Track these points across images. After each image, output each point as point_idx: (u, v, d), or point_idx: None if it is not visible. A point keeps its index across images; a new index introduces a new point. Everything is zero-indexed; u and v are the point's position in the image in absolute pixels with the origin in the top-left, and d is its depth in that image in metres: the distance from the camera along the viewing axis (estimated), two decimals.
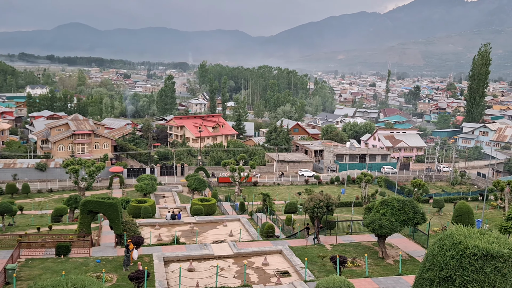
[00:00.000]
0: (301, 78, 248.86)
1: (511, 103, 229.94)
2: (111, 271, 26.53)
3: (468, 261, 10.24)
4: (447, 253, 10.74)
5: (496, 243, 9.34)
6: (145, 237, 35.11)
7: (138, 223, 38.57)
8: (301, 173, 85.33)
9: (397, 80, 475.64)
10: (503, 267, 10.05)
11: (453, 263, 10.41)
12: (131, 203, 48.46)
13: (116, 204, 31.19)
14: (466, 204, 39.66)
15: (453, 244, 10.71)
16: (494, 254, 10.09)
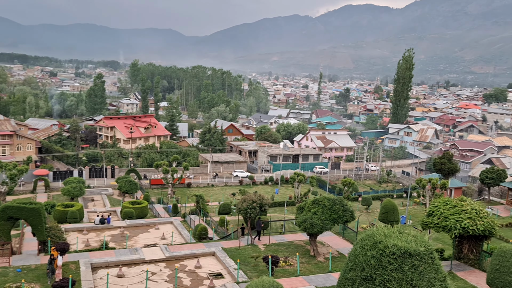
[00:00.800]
0: (236, 79, 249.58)
1: (432, 105, 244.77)
2: (33, 281, 24.95)
3: (388, 260, 10.58)
4: (368, 252, 11.02)
5: (413, 241, 9.72)
6: (72, 243, 33.43)
7: (64, 229, 36.67)
8: (235, 174, 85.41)
9: (328, 82, 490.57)
10: (419, 265, 10.46)
11: (374, 262, 10.71)
12: (57, 208, 46.06)
13: (38, 209, 29.41)
14: (392, 201, 41.52)
15: (374, 243, 11.01)
16: (412, 252, 10.49)
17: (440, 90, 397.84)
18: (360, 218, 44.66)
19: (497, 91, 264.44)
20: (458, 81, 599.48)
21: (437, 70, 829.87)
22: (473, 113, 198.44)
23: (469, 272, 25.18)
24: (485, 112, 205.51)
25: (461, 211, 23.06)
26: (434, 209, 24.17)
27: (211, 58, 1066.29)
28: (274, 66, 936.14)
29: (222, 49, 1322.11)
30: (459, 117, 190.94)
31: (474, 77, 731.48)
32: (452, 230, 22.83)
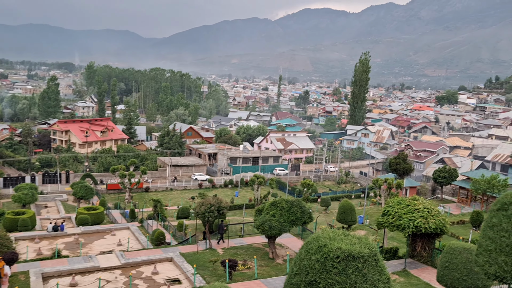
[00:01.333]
0: (195, 81, 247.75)
1: (388, 107, 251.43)
2: None
3: (332, 264, 10.51)
4: (312, 257, 10.93)
5: (357, 244, 9.69)
6: (22, 252, 32.04)
7: (14, 237, 35.07)
8: (195, 177, 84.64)
9: (288, 85, 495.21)
10: (363, 268, 10.48)
11: (318, 266, 10.62)
12: (7, 215, 44.06)
13: None
14: (349, 202, 42.15)
15: (318, 247, 10.92)
16: (355, 255, 10.48)
17: (395, 93, 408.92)
18: (319, 219, 45.13)
19: (448, 93, 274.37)
20: (413, 83, 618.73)
21: (392, 73, 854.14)
22: (426, 115, 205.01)
23: (422, 270, 25.84)
24: (438, 113, 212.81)
25: (414, 210, 23.66)
26: (389, 209, 24.68)
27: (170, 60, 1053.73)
28: (234, 68, 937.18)
29: (181, 51, 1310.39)
30: (414, 119, 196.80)
31: (427, 80, 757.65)
32: (406, 229, 23.37)
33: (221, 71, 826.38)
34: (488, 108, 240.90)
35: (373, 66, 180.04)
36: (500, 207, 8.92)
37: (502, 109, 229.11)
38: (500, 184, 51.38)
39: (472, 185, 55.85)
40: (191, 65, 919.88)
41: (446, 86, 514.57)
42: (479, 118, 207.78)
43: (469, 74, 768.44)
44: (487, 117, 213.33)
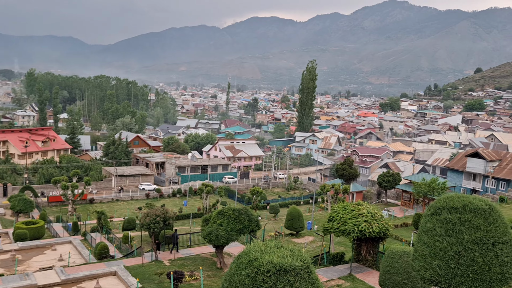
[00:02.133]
0: (142, 89, 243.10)
1: (335, 114, 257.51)
2: None
3: (262, 279, 10.16)
4: (242, 271, 10.55)
5: (290, 256, 9.43)
6: None
7: None
8: (142, 187, 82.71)
9: (237, 92, 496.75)
10: (295, 281, 10.28)
11: (248, 282, 10.27)
12: None
13: None
14: (297, 208, 42.46)
15: (249, 261, 10.57)
16: (287, 268, 10.24)
17: (342, 100, 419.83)
18: (268, 226, 45.15)
19: (391, 100, 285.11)
20: (358, 91, 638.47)
21: (338, 80, 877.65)
22: (371, 121, 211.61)
23: (367, 273, 26.31)
24: (382, 120, 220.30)
25: (358, 215, 24.08)
26: (334, 214, 25.01)
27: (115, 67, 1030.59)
28: (182, 76, 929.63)
29: (127, 58, 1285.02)
30: (359, 125, 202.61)
31: (372, 87, 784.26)
32: (351, 233, 23.73)
33: (169, 79, 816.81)
34: (428, 114, 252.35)
35: (320, 74, 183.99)
36: (434, 212, 9.09)
37: (440, 115, 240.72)
38: (439, 187, 53.61)
39: (414, 189, 57.94)
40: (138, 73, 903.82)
41: (389, 93, 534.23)
42: (420, 124, 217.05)
43: (410, 82, 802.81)
44: (427, 123, 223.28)
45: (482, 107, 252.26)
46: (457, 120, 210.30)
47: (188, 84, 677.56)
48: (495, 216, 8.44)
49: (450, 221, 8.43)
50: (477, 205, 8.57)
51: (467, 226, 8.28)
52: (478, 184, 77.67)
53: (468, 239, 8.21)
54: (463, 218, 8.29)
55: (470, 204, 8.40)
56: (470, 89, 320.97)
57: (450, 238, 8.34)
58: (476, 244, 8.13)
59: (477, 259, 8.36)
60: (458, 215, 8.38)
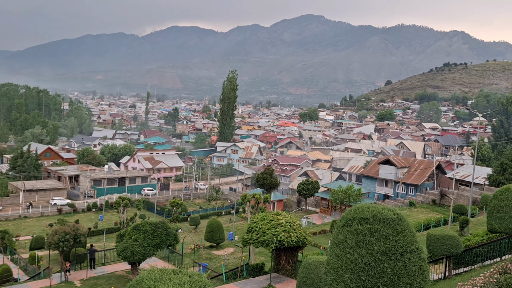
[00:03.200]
0: (54, 98, 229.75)
1: (256, 124, 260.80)
2: None
3: None
4: None
5: (188, 283, 8.59)
6: None
7: None
8: (54, 202, 77.70)
9: (157, 102, 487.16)
10: None
11: None
12: None
13: None
14: (217, 220, 41.90)
15: None
16: None
17: (263, 110, 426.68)
18: (188, 239, 44.04)
19: (310, 110, 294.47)
20: (278, 101, 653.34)
21: (259, 91, 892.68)
22: (291, 131, 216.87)
23: (286, 283, 26.30)
24: (301, 129, 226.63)
25: (277, 225, 24.03)
26: (253, 225, 24.77)
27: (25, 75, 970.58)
28: (99, 85, 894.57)
29: (38, 66, 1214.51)
30: (280, 134, 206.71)
31: (291, 97, 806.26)
32: (270, 244, 23.60)
33: (84, 88, 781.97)
34: (344, 123, 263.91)
35: (241, 84, 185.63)
36: (345, 223, 9.02)
37: (355, 125, 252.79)
38: (354, 194, 55.70)
39: (331, 196, 59.71)
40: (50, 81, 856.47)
41: (308, 103, 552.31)
42: (337, 133, 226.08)
43: (327, 92, 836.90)
44: (344, 132, 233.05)
45: (392, 117, 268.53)
46: (370, 129, 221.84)
47: (105, 93, 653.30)
48: (402, 226, 8.52)
49: (360, 232, 8.38)
50: (386, 215, 8.61)
51: (376, 237, 8.27)
52: (390, 189, 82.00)
53: (378, 250, 8.19)
54: (373, 228, 8.28)
55: (379, 214, 8.40)
56: (381, 100, 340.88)
57: (360, 249, 8.28)
58: (385, 255, 8.13)
59: (386, 270, 8.37)
60: (368, 225, 8.35)
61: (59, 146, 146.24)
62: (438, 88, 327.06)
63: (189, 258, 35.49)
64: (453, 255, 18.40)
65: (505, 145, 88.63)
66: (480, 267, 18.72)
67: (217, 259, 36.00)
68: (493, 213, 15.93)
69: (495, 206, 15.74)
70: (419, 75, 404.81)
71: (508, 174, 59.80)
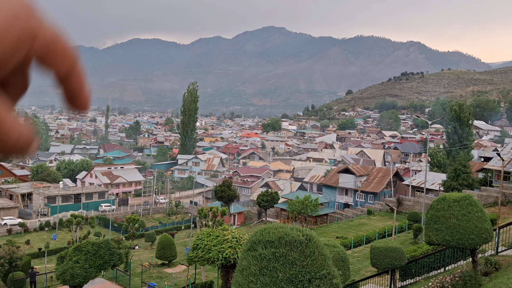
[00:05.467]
0: None
1: (219, 135, 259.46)
2: None
3: None
4: None
5: None
6: None
7: None
8: (4, 222, 74.04)
9: (119, 115, 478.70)
10: None
11: None
12: None
13: None
14: (168, 236, 40.65)
15: None
16: None
17: (226, 121, 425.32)
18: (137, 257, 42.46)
19: (273, 121, 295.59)
20: (242, 112, 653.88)
21: (223, 102, 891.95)
22: (254, 141, 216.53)
23: None
24: (264, 140, 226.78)
25: (223, 241, 23.15)
26: (198, 242, 23.78)
27: None
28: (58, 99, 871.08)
29: None
30: (243, 145, 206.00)
31: (255, 108, 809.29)
32: (215, 261, 22.69)
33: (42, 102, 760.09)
34: (307, 133, 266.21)
35: (204, 96, 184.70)
36: (250, 247, 8.25)
37: (318, 134, 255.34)
38: (312, 204, 55.48)
39: (288, 207, 59.29)
40: None
41: (271, 114, 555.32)
42: (300, 143, 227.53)
43: (290, 103, 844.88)
44: (306, 141, 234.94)
45: (353, 125, 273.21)
46: (332, 138, 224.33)
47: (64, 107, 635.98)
48: (312, 248, 7.82)
49: (264, 257, 7.62)
50: (293, 236, 7.91)
51: (281, 262, 7.53)
52: (350, 198, 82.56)
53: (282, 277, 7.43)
54: (278, 253, 7.55)
55: (286, 236, 7.70)
56: (343, 109, 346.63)
57: (264, 277, 7.49)
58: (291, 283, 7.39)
59: None
60: (273, 249, 7.62)
61: (12, 163, 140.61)
62: (397, 97, 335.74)
63: (138, 277, 34.04)
64: (397, 267, 18.07)
65: (458, 151, 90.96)
66: (424, 279, 18.44)
67: (168, 277, 34.69)
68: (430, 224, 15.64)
69: (432, 217, 15.47)
70: (378, 84, 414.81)
71: (461, 180, 61.05)
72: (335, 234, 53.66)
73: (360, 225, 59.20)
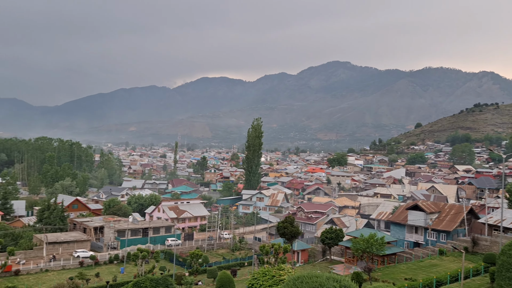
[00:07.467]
0: (86, 150, 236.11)
1: (284, 171, 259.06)
2: None
3: None
4: None
5: None
6: None
7: None
8: (77, 254, 77.40)
9: (187, 151, 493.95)
10: None
11: None
12: None
13: None
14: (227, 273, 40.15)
15: None
16: None
17: (291, 156, 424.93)
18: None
19: (338, 155, 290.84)
20: (307, 147, 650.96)
21: (288, 137, 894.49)
22: (319, 177, 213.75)
23: None
24: (329, 175, 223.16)
25: (279, 281, 22.49)
26: (254, 282, 23.29)
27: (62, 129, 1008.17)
28: (132, 136, 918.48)
29: (74, 119, 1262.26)
30: (307, 181, 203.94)
31: (320, 143, 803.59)
32: None
33: (118, 139, 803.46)
34: (374, 168, 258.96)
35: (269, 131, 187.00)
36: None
37: (386, 169, 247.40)
38: (377, 243, 53.03)
39: (352, 246, 57.06)
40: (85, 134, 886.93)
41: (337, 149, 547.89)
42: (367, 178, 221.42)
43: (356, 137, 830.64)
44: (373, 176, 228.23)
45: (423, 160, 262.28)
46: (401, 173, 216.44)
47: (137, 144, 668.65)
48: None
49: None
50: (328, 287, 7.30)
51: None
52: (420, 236, 78.11)
53: None
54: None
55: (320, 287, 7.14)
56: (412, 143, 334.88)
57: None
58: None
59: None
60: None
61: (89, 197, 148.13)
62: (470, 129, 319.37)
63: None
64: None
65: None
66: None
67: None
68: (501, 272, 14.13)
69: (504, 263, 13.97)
70: (449, 116, 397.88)
71: None
72: (403, 276, 50.74)
73: (431, 266, 55.66)
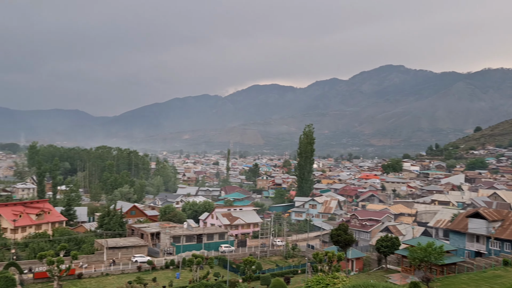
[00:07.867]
0: (142, 158, 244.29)
1: (336, 177, 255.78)
2: None
3: None
4: None
5: None
6: None
7: None
8: (135, 259, 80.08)
9: (239, 158, 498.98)
10: None
11: None
12: None
13: None
14: (280, 281, 40.36)
15: None
16: None
17: (344, 163, 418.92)
18: None
19: (393, 161, 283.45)
20: (360, 153, 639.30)
21: (340, 143, 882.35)
22: (373, 183, 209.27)
23: None
24: (384, 181, 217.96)
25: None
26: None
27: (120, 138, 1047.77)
28: (186, 144, 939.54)
29: (132, 129, 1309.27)
30: (361, 187, 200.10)
31: (374, 149, 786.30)
32: None
33: (172, 147, 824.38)
34: (430, 174, 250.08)
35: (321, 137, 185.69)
36: None
37: (443, 175, 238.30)
38: (436, 252, 51.22)
39: (409, 254, 55.43)
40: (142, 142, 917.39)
41: (392, 154, 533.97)
42: (423, 184, 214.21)
43: (411, 142, 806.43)
44: (430, 183, 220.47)
45: (484, 165, 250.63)
46: (460, 180, 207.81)
47: (191, 152, 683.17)
48: None
49: None
50: None
51: None
52: (482, 246, 74.58)
53: None
54: None
55: None
56: (471, 148, 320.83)
57: None
58: None
59: None
60: None
61: (145, 204, 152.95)
62: None
63: None
64: None
65: None
66: None
67: None
68: None
69: None
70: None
71: None
72: (464, 287, 48.74)
73: (495, 277, 53.05)
